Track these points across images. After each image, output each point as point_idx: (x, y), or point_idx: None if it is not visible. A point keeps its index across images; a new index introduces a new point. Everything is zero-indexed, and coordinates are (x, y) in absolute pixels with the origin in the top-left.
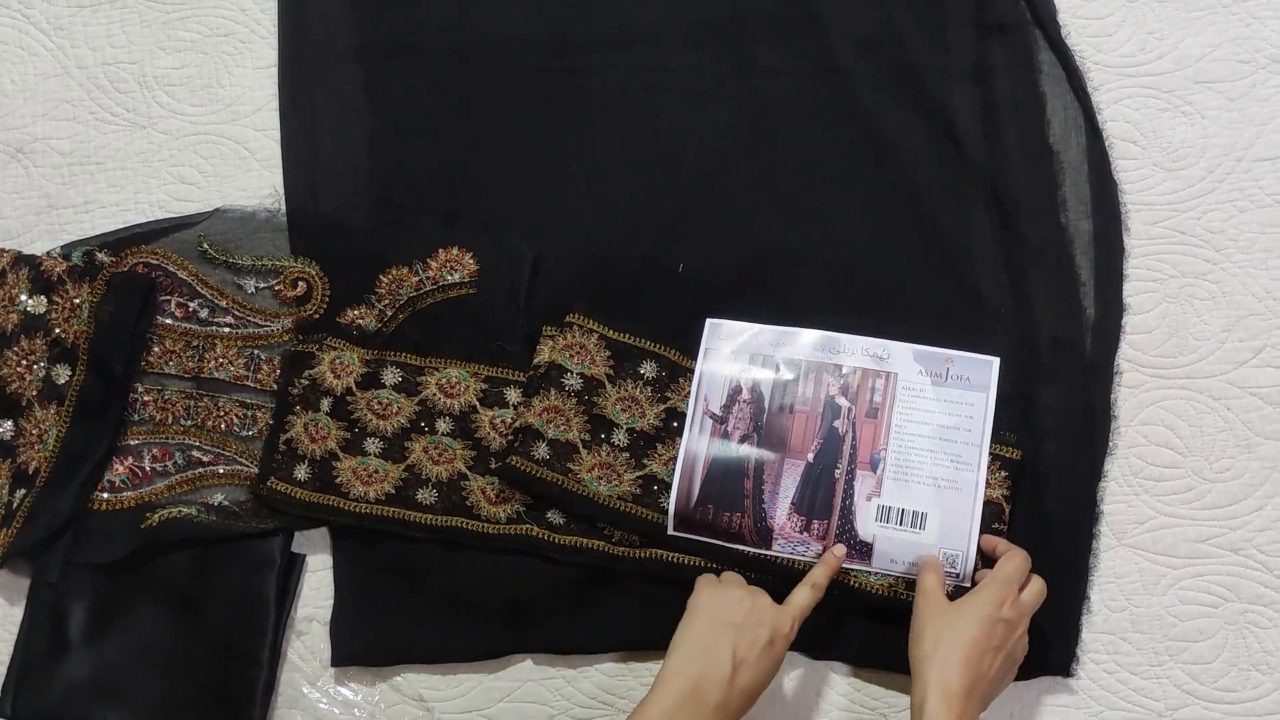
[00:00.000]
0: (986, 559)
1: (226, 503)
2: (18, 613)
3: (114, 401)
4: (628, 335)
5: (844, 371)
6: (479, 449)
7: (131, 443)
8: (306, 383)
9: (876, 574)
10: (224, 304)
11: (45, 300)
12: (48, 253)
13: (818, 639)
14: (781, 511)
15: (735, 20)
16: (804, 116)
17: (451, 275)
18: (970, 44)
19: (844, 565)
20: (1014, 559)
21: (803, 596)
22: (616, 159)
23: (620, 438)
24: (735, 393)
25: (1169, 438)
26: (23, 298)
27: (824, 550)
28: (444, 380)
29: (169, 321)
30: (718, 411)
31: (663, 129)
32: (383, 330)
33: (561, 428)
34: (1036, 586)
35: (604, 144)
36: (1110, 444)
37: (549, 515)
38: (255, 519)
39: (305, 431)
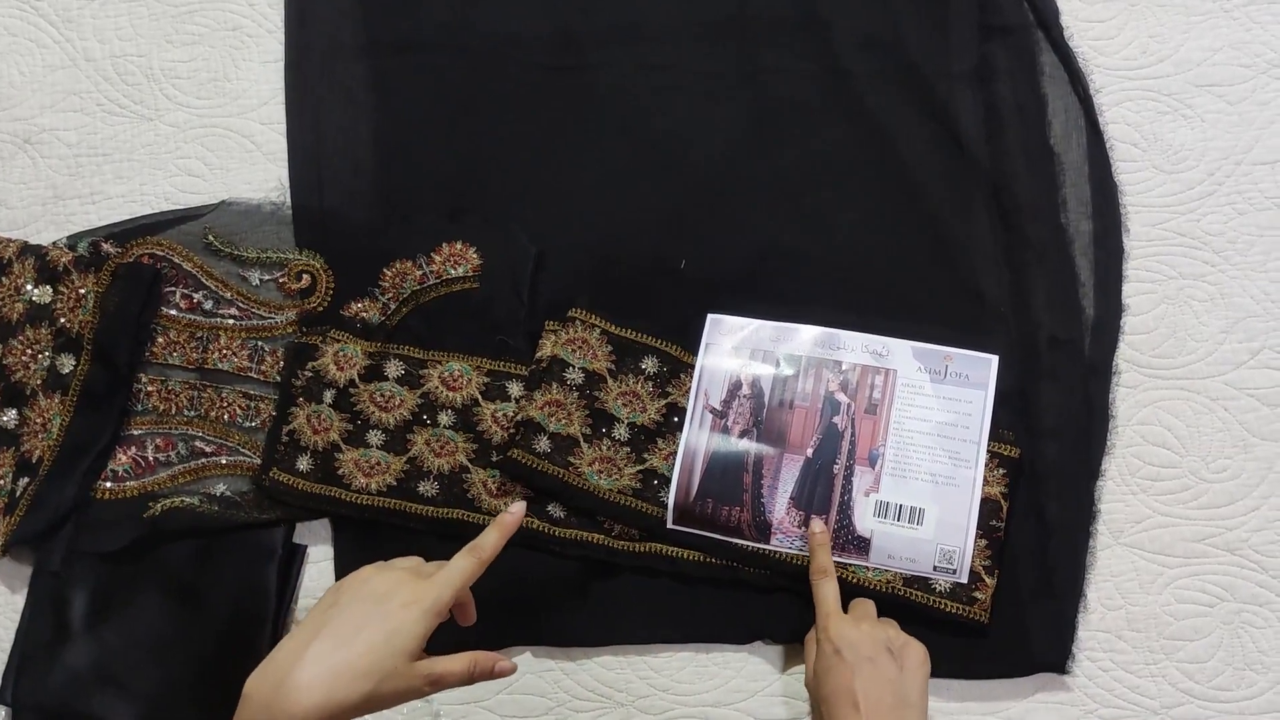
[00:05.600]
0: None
1: (229, 493)
2: (20, 601)
3: (118, 391)
4: (630, 330)
5: (844, 368)
6: (481, 442)
7: (135, 432)
8: (310, 375)
9: (874, 569)
10: (228, 296)
11: (50, 290)
12: (54, 243)
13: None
14: (780, 506)
15: (741, 20)
16: (807, 116)
17: (455, 269)
18: (973, 45)
19: (841, 560)
20: (858, 610)
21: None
22: (620, 157)
23: (621, 432)
24: (735, 388)
25: (1166, 438)
26: (28, 287)
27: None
28: (446, 373)
29: (173, 313)
30: (718, 406)
31: (667, 127)
32: (386, 323)
33: (563, 421)
34: (862, 610)
35: (608, 142)
36: (1108, 443)
37: (549, 508)
38: (257, 509)
39: (308, 423)
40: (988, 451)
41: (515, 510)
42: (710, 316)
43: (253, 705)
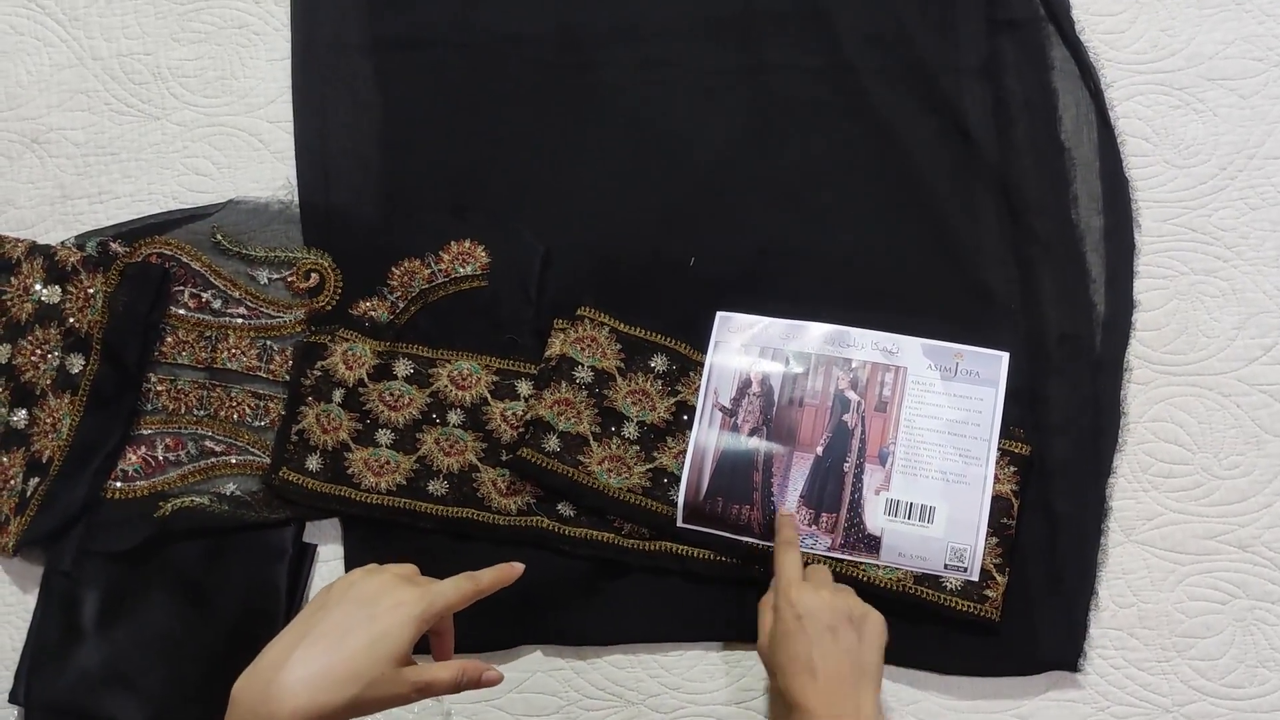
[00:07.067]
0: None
1: (239, 493)
2: (31, 600)
3: (127, 391)
4: (639, 329)
5: (853, 365)
6: (490, 441)
7: (144, 432)
8: (319, 374)
9: (885, 568)
10: (237, 295)
11: (59, 290)
12: (62, 243)
13: None
14: (790, 504)
15: (745, 16)
16: (813, 113)
17: (463, 268)
18: (981, 40)
19: (852, 558)
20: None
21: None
22: (626, 154)
23: (630, 431)
24: (745, 386)
25: (1178, 434)
26: (37, 287)
27: (832, 544)
28: (455, 372)
29: (182, 312)
30: (727, 405)
31: (672, 124)
32: (394, 322)
33: (572, 420)
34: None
35: (613, 139)
36: (1119, 440)
37: (559, 507)
38: (267, 509)
39: (317, 422)
40: (998, 449)
41: (518, 566)
42: (719, 314)
43: (240, 707)
